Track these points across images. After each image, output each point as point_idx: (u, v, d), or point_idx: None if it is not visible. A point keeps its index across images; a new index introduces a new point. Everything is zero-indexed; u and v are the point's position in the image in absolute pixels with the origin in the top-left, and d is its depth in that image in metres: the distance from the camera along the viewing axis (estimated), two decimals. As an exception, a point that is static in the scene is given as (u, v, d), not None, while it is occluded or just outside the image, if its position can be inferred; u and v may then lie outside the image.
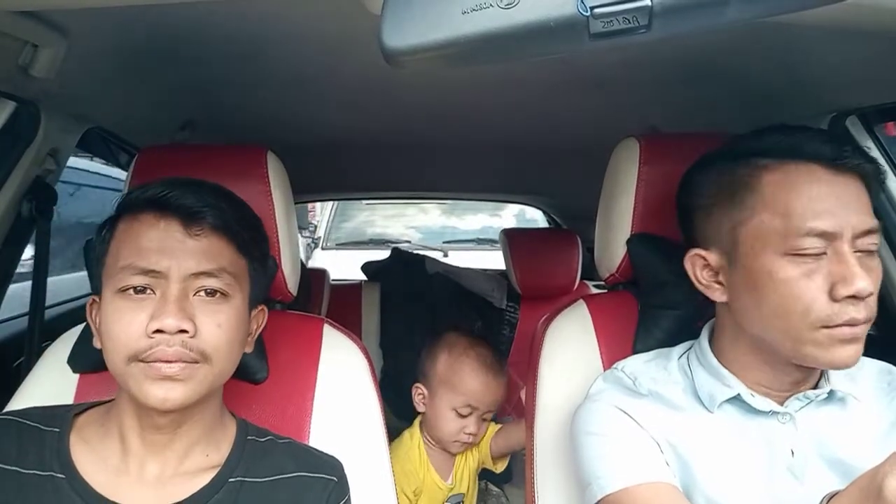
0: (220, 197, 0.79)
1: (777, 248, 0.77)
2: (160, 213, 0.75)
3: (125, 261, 0.74)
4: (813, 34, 0.81)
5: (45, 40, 0.92)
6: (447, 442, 1.50)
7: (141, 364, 0.72)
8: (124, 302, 0.73)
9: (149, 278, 0.73)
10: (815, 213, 0.75)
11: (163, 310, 0.72)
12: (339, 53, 1.05)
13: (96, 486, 0.75)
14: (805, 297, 0.75)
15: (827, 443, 0.82)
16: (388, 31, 0.53)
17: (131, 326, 0.72)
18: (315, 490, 0.82)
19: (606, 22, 0.50)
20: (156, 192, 0.76)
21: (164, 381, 0.71)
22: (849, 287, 0.73)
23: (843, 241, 0.75)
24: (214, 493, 0.78)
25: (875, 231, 0.77)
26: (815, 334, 0.75)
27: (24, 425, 0.78)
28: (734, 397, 0.84)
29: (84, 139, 1.37)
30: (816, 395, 0.83)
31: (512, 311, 2.27)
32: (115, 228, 0.78)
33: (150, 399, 0.72)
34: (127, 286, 0.73)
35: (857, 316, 0.74)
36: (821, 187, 0.76)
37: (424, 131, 1.68)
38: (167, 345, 0.71)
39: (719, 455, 0.82)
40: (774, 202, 0.77)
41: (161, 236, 0.74)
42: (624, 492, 0.78)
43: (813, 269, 0.75)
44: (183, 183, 0.78)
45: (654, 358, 0.94)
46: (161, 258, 0.73)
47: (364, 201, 4.57)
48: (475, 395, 1.47)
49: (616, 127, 1.20)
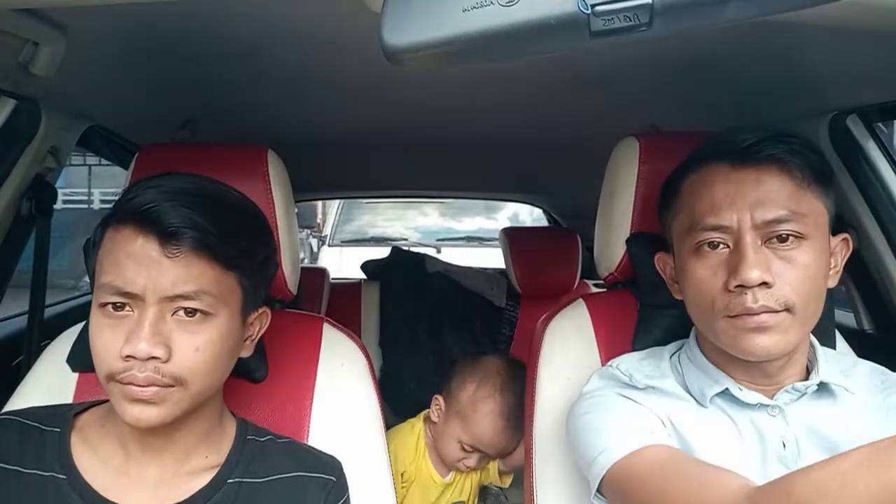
0: (209, 210, 0.73)
1: (687, 246, 0.84)
2: (140, 228, 0.71)
3: (105, 276, 0.71)
4: (813, 33, 0.82)
5: (46, 38, 0.92)
6: (450, 462, 1.51)
7: (118, 385, 0.71)
8: (105, 319, 0.72)
9: (126, 298, 0.71)
10: (709, 209, 0.81)
11: (136, 334, 0.69)
12: (339, 52, 1.05)
13: (97, 487, 0.75)
14: (709, 290, 0.80)
15: (819, 434, 0.82)
16: (389, 28, 0.53)
17: (108, 347, 0.70)
18: (314, 490, 0.82)
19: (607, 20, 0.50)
20: (140, 203, 0.71)
21: (138, 403, 0.70)
22: (736, 277, 0.77)
23: (743, 233, 0.78)
24: (213, 494, 0.78)
25: (784, 219, 0.78)
26: (721, 323, 0.80)
27: (25, 425, 0.78)
28: (723, 392, 0.85)
29: (84, 137, 1.37)
30: (806, 388, 0.84)
31: (511, 310, 2.27)
32: (104, 235, 0.75)
33: (126, 418, 0.71)
34: (106, 302, 0.71)
35: (752, 305, 0.76)
36: (718, 184, 0.81)
37: (425, 130, 1.68)
38: (138, 370, 0.69)
39: (713, 446, 0.82)
40: (685, 204, 0.85)
41: (138, 254, 0.70)
42: (634, 454, 0.78)
43: (716, 265, 0.80)
44: (172, 191, 0.72)
45: (647, 356, 0.95)
46: (137, 278, 0.70)
47: (364, 201, 4.84)
48: (485, 440, 1.44)
49: (616, 125, 1.20)
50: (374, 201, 5.03)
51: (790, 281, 0.77)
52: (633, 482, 0.77)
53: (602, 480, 0.80)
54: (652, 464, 0.76)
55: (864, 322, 1.39)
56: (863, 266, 1.30)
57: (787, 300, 0.77)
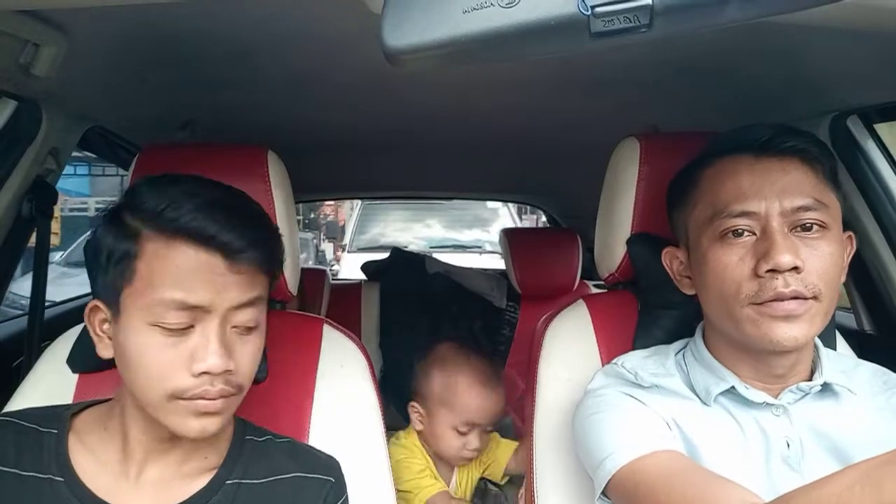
0: (257, 226, 0.76)
1: (710, 234, 0.82)
2: (202, 247, 0.71)
3: (164, 293, 0.70)
4: (813, 34, 0.82)
5: (46, 39, 0.92)
6: (450, 457, 1.49)
7: (182, 402, 0.71)
8: (162, 337, 0.71)
9: (191, 314, 0.71)
10: (736, 196, 0.80)
11: (205, 349, 0.70)
12: (339, 53, 1.05)
13: (94, 490, 0.75)
14: (735, 277, 0.79)
15: (823, 434, 0.82)
16: (389, 30, 0.53)
17: (173, 365, 0.70)
18: (312, 490, 0.82)
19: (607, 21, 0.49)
20: (198, 225, 0.71)
21: (203, 416, 0.72)
22: (768, 261, 0.76)
23: (771, 220, 0.78)
24: (212, 496, 0.78)
25: (810, 208, 0.79)
26: (747, 311, 0.79)
27: (22, 426, 0.77)
28: (729, 390, 0.85)
29: (85, 138, 1.37)
30: (810, 388, 0.84)
31: (512, 310, 2.27)
32: (141, 245, 0.72)
33: (191, 433, 0.72)
34: (167, 323, 0.70)
35: (783, 290, 0.76)
36: (744, 173, 0.81)
37: (425, 131, 1.68)
38: (211, 385, 0.71)
39: (717, 447, 0.82)
40: (706, 193, 0.85)
41: (205, 270, 0.71)
42: (639, 461, 0.78)
43: (742, 252, 0.79)
44: (218, 207, 0.73)
45: (653, 354, 0.95)
46: (206, 294, 0.71)
47: (378, 207, 6.19)
48: (474, 412, 1.44)
49: (617, 126, 1.20)
50: (383, 206, 6.17)
51: (817, 268, 0.77)
52: (639, 489, 0.77)
53: (608, 484, 0.80)
54: (658, 471, 0.76)
55: (864, 323, 1.39)
56: (863, 266, 1.30)
57: (815, 286, 0.77)
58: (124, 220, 0.73)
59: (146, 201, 0.73)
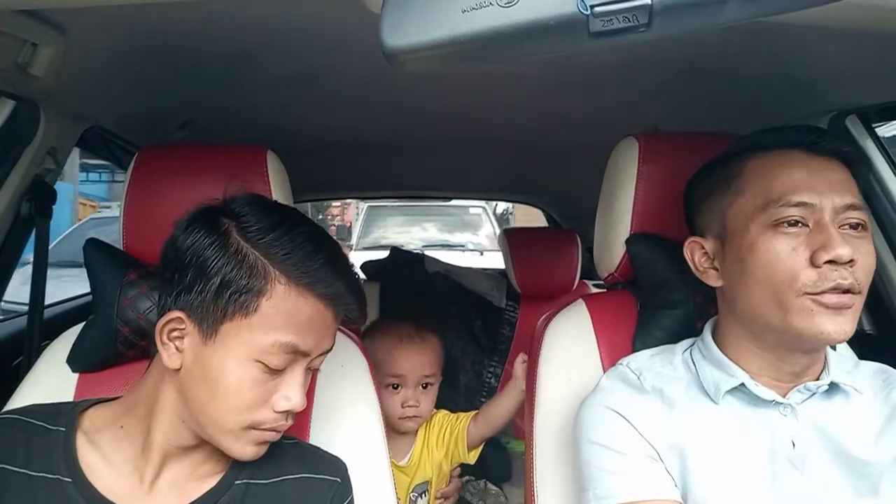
0: (360, 288, 0.81)
1: (761, 222, 0.82)
2: (328, 303, 0.76)
3: (283, 337, 0.73)
4: (812, 33, 0.82)
5: (45, 39, 0.92)
6: (396, 421, 1.49)
7: (255, 432, 0.75)
8: (261, 374, 0.74)
9: (293, 358, 0.75)
10: (792, 187, 0.81)
11: (294, 391, 0.76)
12: (338, 53, 1.05)
13: (104, 491, 0.74)
14: (789, 266, 0.79)
15: (828, 435, 0.83)
16: (388, 29, 0.53)
17: (261, 400, 0.74)
18: (319, 491, 0.82)
19: (606, 20, 0.50)
20: (322, 282, 0.76)
21: (263, 444, 0.77)
22: (829, 251, 0.77)
23: (824, 214, 0.79)
24: (220, 496, 0.78)
25: (858, 207, 0.81)
26: (801, 301, 0.78)
27: (30, 424, 0.77)
28: (738, 387, 0.85)
29: (83, 138, 1.37)
30: (818, 387, 0.84)
31: (511, 310, 2.27)
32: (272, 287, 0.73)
33: (245, 456, 0.76)
34: (271, 362, 0.74)
35: (842, 281, 0.77)
36: (798, 166, 0.82)
37: (424, 131, 1.68)
38: (286, 420, 0.77)
39: (722, 447, 0.83)
40: (756, 183, 0.84)
41: (321, 322, 0.77)
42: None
43: (796, 242, 0.79)
44: (334, 264, 0.78)
45: (660, 353, 0.95)
46: (314, 341, 0.76)
47: (383, 208, 7.04)
48: (393, 366, 1.48)
49: (616, 126, 1.20)
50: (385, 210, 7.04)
51: (863, 265, 0.79)
52: None
53: None
54: None
55: (864, 323, 1.39)
56: (862, 266, 1.30)
57: (861, 283, 0.78)
58: (246, 255, 0.74)
59: (273, 245, 0.74)
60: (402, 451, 1.52)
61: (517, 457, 1.81)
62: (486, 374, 2.22)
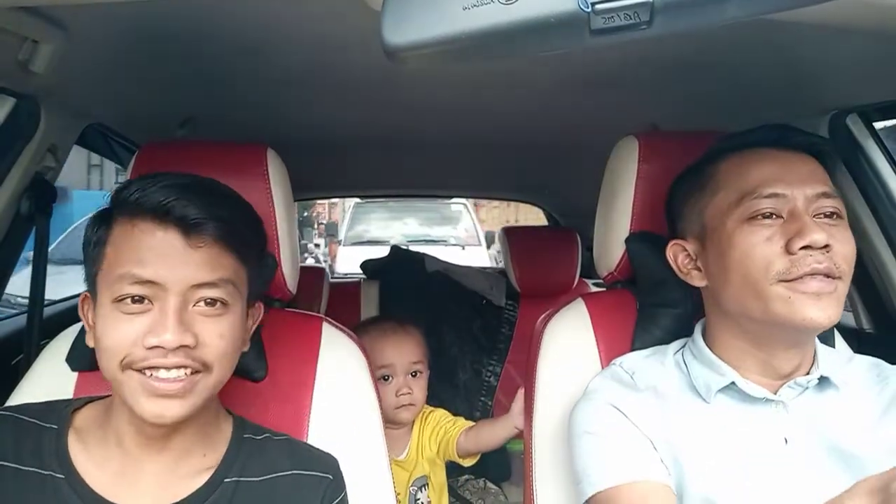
0: (222, 204, 0.76)
1: (736, 217, 0.83)
2: (160, 222, 0.72)
3: (122, 269, 0.71)
4: (813, 32, 0.82)
5: (45, 36, 0.92)
6: (392, 412, 1.50)
7: (135, 374, 0.71)
8: (121, 313, 0.71)
9: (147, 289, 0.71)
10: (764, 180, 0.83)
11: (161, 325, 0.70)
12: (340, 50, 1.05)
13: (95, 487, 0.75)
14: (764, 255, 0.80)
15: (821, 430, 0.83)
16: (389, 27, 0.53)
17: (126, 336, 0.71)
18: (310, 488, 0.82)
19: (607, 18, 0.50)
20: (156, 200, 0.72)
21: (161, 398, 0.71)
22: (803, 237, 0.78)
23: (797, 203, 0.81)
24: (210, 494, 0.78)
25: (831, 195, 0.82)
26: (776, 289, 0.79)
27: (22, 421, 0.77)
28: (729, 386, 0.85)
29: (84, 135, 1.37)
30: (808, 382, 0.84)
31: (511, 309, 2.27)
32: (111, 229, 0.75)
33: (146, 415, 0.71)
34: (124, 296, 0.71)
35: (817, 265, 0.77)
36: (768, 161, 0.85)
37: (425, 129, 1.68)
38: (164, 357, 0.70)
39: (714, 446, 0.83)
40: (730, 180, 0.86)
41: (160, 246, 0.72)
42: (614, 489, 0.81)
43: (770, 232, 0.81)
44: (183, 187, 0.74)
45: (652, 354, 0.95)
46: (160, 269, 0.71)
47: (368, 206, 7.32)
48: (381, 356, 1.51)
49: (616, 125, 1.20)
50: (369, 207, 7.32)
51: (841, 251, 0.79)
52: None
53: (587, 502, 0.83)
54: (631, 502, 0.79)
55: (863, 321, 1.39)
56: (862, 266, 1.30)
57: (841, 267, 0.79)
58: (102, 211, 0.76)
59: (123, 190, 0.75)
60: (400, 446, 1.53)
61: (516, 456, 1.81)
62: (486, 373, 2.22)
